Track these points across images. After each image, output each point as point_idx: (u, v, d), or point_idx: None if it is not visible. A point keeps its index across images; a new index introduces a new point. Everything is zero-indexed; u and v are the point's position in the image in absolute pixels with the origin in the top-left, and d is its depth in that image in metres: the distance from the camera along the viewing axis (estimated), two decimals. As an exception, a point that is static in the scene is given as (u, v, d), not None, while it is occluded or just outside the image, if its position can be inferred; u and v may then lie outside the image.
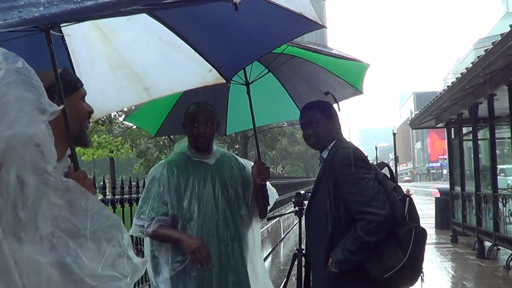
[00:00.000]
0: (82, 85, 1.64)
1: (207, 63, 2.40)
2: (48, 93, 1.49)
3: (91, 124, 2.44)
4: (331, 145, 2.33)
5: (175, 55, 2.38)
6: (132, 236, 3.37)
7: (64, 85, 1.54)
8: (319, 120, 2.35)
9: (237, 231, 2.49)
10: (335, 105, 2.50)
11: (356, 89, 3.12)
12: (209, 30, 2.24)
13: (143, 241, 3.04)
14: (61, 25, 1.76)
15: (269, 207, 2.63)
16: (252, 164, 2.70)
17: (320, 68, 3.02)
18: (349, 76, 3.10)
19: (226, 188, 2.49)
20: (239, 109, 3.14)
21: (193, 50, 2.34)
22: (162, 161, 2.55)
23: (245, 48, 2.35)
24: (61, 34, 2.04)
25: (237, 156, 2.73)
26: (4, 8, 1.14)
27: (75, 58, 2.24)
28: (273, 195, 2.69)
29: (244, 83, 2.73)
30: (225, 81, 2.50)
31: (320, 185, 2.32)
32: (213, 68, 2.42)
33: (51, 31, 1.63)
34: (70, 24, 1.81)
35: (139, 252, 3.62)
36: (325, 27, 2.06)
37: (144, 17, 2.15)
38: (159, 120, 3.13)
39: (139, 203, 2.43)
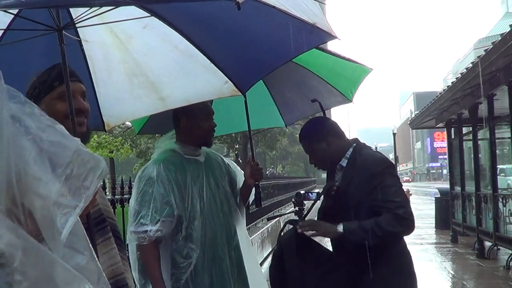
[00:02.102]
0: (58, 83, 1.55)
1: (223, 74, 2.36)
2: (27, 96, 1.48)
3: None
4: (350, 153, 2.30)
5: (191, 65, 2.34)
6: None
7: (38, 87, 1.53)
8: (313, 149, 2.35)
9: (235, 228, 2.48)
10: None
11: (345, 97, 3.12)
12: (225, 41, 2.23)
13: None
14: (76, 24, 1.77)
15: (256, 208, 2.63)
16: (234, 164, 2.69)
17: (312, 74, 3.00)
18: (343, 82, 3.10)
19: (220, 186, 2.46)
20: (221, 112, 3.13)
21: (209, 61, 2.31)
22: (153, 160, 2.41)
23: (261, 60, 2.32)
24: (79, 39, 2.03)
25: (218, 154, 2.70)
26: None
27: (92, 64, 2.22)
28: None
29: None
30: (240, 94, 2.44)
31: (348, 193, 2.26)
32: (229, 80, 2.38)
33: (67, 33, 1.65)
34: (84, 26, 1.81)
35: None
36: (338, 38, 2.03)
37: (160, 25, 2.12)
38: (144, 118, 3.11)
39: (135, 208, 2.25)
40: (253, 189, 2.61)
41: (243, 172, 2.61)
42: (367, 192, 2.15)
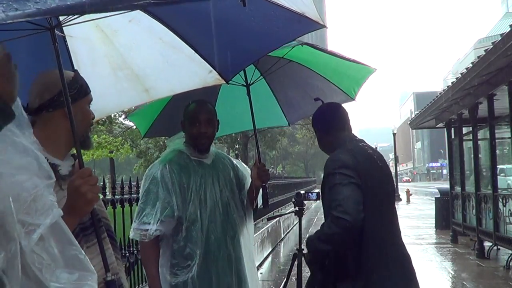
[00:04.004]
0: (90, 91, 1.66)
1: (207, 64, 2.38)
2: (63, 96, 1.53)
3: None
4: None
5: (175, 56, 2.36)
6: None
7: (78, 89, 1.57)
8: (318, 137, 2.45)
9: (236, 232, 2.47)
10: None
11: (348, 96, 3.13)
12: (210, 31, 2.24)
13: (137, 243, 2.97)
14: (63, 24, 1.76)
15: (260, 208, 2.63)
16: (243, 165, 2.69)
17: (315, 74, 3.02)
18: (346, 81, 3.10)
19: (225, 189, 2.46)
20: (224, 112, 3.14)
21: (194, 51, 2.33)
22: (160, 159, 2.45)
23: (246, 49, 2.34)
24: (63, 35, 2.03)
25: (229, 156, 2.70)
26: None
27: (76, 59, 2.23)
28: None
29: (244, 84, 2.72)
30: (224, 82, 2.49)
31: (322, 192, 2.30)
32: (213, 69, 2.41)
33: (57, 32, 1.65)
34: (74, 24, 1.81)
35: (131, 255, 3.57)
36: (326, 27, 2.05)
37: (145, 18, 2.14)
38: (150, 120, 3.11)
39: (140, 205, 2.31)
40: (260, 190, 2.62)
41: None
42: (325, 194, 2.18)
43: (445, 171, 76.81)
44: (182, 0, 1.85)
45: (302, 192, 3.68)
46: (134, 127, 21.72)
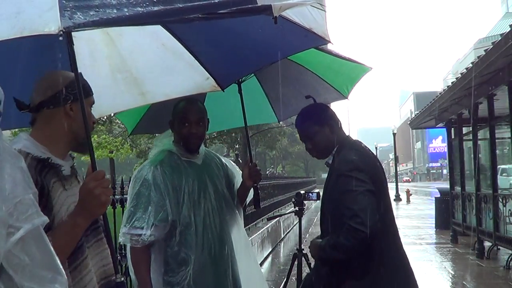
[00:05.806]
0: (93, 93, 1.64)
1: (205, 71, 2.38)
2: (65, 93, 1.53)
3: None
4: (335, 150, 2.24)
5: (175, 62, 2.36)
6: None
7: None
8: (315, 132, 2.25)
9: (231, 234, 2.42)
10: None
11: (340, 94, 3.11)
12: (214, 40, 2.24)
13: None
14: (79, 28, 1.78)
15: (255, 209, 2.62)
16: (232, 163, 2.65)
17: (306, 71, 3.00)
18: (340, 79, 3.09)
19: (217, 189, 2.39)
20: (214, 108, 3.13)
21: (194, 58, 2.33)
22: (150, 160, 2.33)
23: (247, 59, 2.33)
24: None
25: (218, 155, 2.65)
26: (82, 7, 1.16)
27: (77, 59, 2.24)
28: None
29: (235, 81, 2.71)
30: (220, 90, 2.48)
31: (326, 191, 2.24)
32: (210, 77, 2.41)
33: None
34: (89, 29, 1.83)
35: (123, 258, 3.52)
36: (331, 43, 2.03)
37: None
38: (137, 117, 3.10)
39: (130, 209, 2.20)
40: (252, 191, 2.57)
41: (241, 172, 2.56)
42: (335, 195, 2.09)
43: (445, 171, 76.80)
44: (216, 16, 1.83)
45: (302, 192, 3.68)
46: (134, 127, 21.76)
